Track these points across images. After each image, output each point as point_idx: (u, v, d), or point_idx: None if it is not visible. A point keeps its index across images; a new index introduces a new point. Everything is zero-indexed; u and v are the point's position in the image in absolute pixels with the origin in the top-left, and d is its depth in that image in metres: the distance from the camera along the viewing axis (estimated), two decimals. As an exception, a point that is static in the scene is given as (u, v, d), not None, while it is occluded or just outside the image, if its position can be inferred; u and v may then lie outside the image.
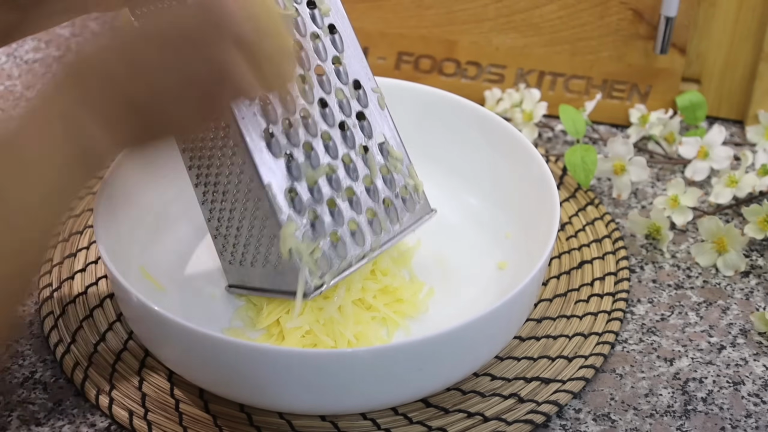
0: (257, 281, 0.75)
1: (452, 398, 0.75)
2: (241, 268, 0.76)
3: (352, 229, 0.74)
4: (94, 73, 0.63)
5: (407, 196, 0.77)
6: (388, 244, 0.76)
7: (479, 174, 0.88)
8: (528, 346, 0.79)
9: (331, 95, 0.74)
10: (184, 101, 0.64)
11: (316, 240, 0.72)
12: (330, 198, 0.73)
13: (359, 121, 0.75)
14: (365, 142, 0.75)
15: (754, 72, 0.98)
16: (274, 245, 0.72)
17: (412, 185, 0.78)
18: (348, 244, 0.74)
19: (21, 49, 1.07)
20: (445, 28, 1.00)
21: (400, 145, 0.77)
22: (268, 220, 0.71)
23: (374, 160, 0.76)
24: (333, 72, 0.75)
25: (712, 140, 0.92)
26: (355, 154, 0.75)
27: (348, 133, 0.75)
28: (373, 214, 0.75)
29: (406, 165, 0.77)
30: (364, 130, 0.76)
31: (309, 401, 0.71)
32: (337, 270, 0.73)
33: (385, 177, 0.76)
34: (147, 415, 0.74)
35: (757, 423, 0.75)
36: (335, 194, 0.73)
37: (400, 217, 0.77)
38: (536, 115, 0.97)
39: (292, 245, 0.71)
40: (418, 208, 0.78)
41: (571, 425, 0.75)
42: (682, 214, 0.89)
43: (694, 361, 0.79)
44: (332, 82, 0.75)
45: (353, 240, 0.74)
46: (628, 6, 0.97)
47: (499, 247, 0.84)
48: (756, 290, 0.85)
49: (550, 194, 0.79)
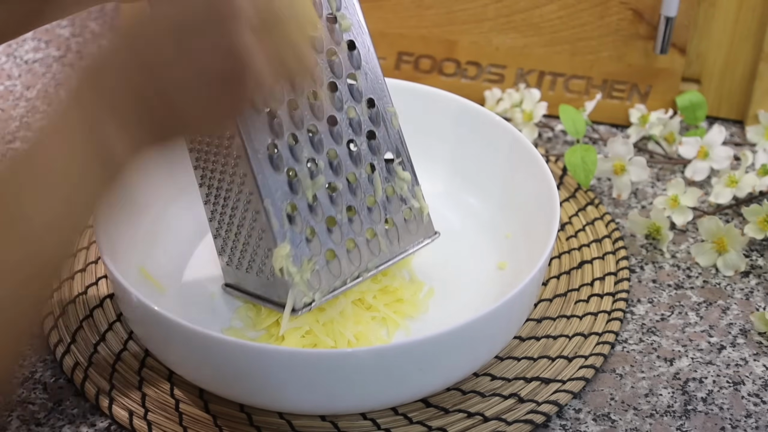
0: (252, 287, 0.75)
1: (452, 398, 0.75)
2: (238, 271, 0.76)
3: (349, 248, 0.74)
4: (110, 76, 0.61)
5: (410, 217, 0.77)
6: (385, 264, 0.76)
7: (479, 174, 0.88)
8: (528, 346, 0.79)
9: (342, 112, 0.74)
10: (201, 96, 0.62)
11: (311, 257, 0.72)
12: (330, 216, 0.73)
13: (369, 140, 0.75)
14: (373, 161, 0.75)
15: (754, 72, 0.98)
16: (269, 258, 0.72)
17: (417, 207, 0.78)
18: (343, 263, 0.74)
19: (21, 49, 1.07)
20: (445, 28, 1.00)
21: (408, 165, 0.77)
22: (264, 234, 0.72)
23: (379, 180, 0.75)
24: (347, 89, 0.74)
25: (712, 140, 0.92)
26: (360, 174, 0.74)
27: (356, 151, 0.74)
28: (372, 234, 0.75)
29: (413, 186, 0.77)
30: (372, 149, 0.75)
31: (309, 401, 0.71)
32: (329, 288, 0.73)
33: (390, 197, 0.76)
34: (147, 415, 0.74)
35: (757, 423, 0.75)
36: (336, 212, 0.73)
37: (401, 239, 0.77)
38: (536, 115, 0.97)
39: (284, 266, 0.71)
40: (420, 230, 0.78)
41: (571, 425, 0.75)
42: (682, 214, 0.89)
43: (694, 361, 0.79)
44: (344, 99, 0.74)
45: (349, 259, 0.74)
46: (628, 6, 0.97)
47: (499, 248, 0.84)
48: (756, 290, 0.85)
49: (550, 194, 0.79)
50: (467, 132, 0.88)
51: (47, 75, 1.06)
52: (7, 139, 0.97)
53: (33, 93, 1.03)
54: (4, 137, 0.98)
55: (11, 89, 1.04)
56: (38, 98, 0.99)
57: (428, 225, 0.79)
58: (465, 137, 0.88)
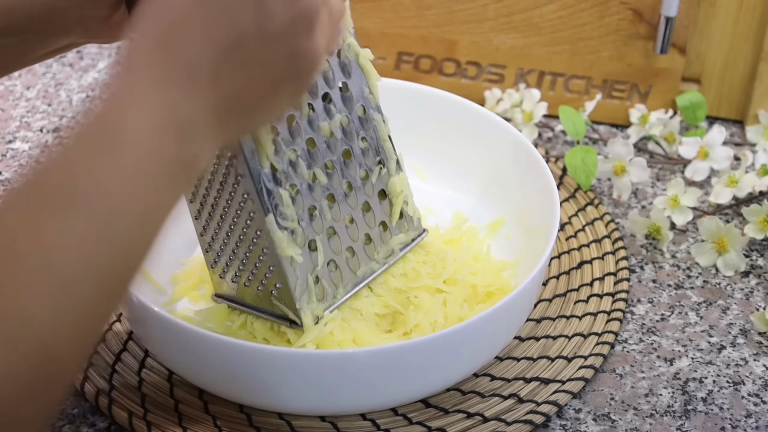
0: (250, 299, 0.74)
1: (452, 398, 0.75)
2: (233, 284, 0.75)
3: (348, 256, 0.74)
4: (204, 71, 0.57)
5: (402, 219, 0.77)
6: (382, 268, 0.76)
7: (479, 174, 0.88)
8: (527, 347, 0.79)
9: (334, 121, 0.73)
10: (281, 94, 0.61)
11: (313, 270, 0.72)
12: (330, 226, 0.73)
13: (362, 147, 0.75)
14: (366, 168, 0.75)
15: (754, 72, 0.98)
16: (272, 274, 0.72)
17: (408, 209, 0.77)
18: (344, 272, 0.74)
19: (21, 50, 1.07)
20: (445, 28, 1.00)
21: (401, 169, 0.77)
22: (268, 250, 0.71)
23: (373, 188, 0.75)
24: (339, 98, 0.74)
25: (712, 140, 0.92)
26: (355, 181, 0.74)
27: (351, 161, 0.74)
28: (368, 239, 0.75)
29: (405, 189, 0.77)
30: (366, 156, 0.75)
31: (309, 401, 0.71)
32: (333, 299, 0.74)
33: (382, 202, 0.76)
34: (147, 415, 0.74)
35: (757, 423, 0.75)
36: (335, 223, 0.73)
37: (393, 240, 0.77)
38: (536, 115, 0.97)
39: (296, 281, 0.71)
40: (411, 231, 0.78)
41: (571, 425, 0.75)
42: (682, 214, 0.89)
43: (694, 361, 0.79)
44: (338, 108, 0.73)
45: (349, 267, 0.74)
46: (628, 6, 0.97)
47: (499, 247, 0.84)
48: (756, 290, 0.85)
49: (550, 194, 0.79)
50: (467, 132, 0.88)
51: (47, 75, 1.06)
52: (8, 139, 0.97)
53: (33, 93, 1.03)
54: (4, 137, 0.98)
55: (11, 89, 1.04)
56: (25, 87, 0.96)
57: (418, 224, 0.79)
58: (465, 137, 0.88)
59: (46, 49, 0.71)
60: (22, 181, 0.53)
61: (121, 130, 0.54)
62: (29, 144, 0.97)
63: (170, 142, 0.55)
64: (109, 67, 0.60)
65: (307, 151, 0.72)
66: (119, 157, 0.53)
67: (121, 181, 0.53)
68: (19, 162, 0.95)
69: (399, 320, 0.76)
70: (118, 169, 0.53)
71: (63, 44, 0.71)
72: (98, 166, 0.53)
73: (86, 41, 0.71)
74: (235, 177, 0.70)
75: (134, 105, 0.54)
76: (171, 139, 0.55)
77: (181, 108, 0.56)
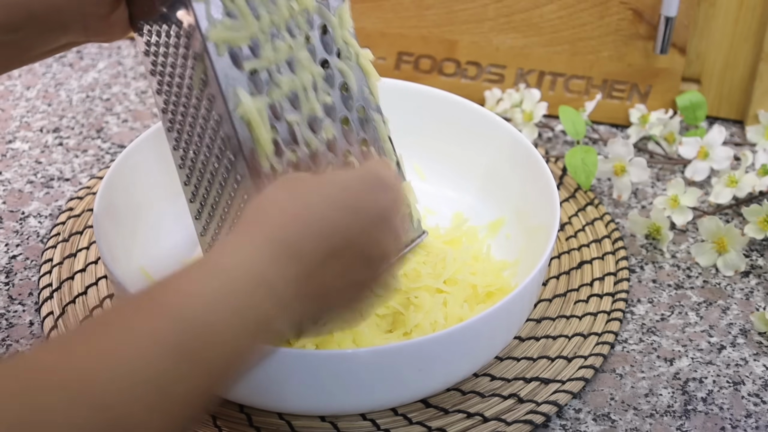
0: None
1: (452, 399, 0.75)
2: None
3: None
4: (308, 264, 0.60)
5: None
6: None
7: (479, 174, 0.88)
8: (527, 347, 0.79)
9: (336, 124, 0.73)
10: (357, 292, 0.64)
11: None
12: None
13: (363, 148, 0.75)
14: None
15: (754, 72, 0.98)
16: None
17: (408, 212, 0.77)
18: None
19: (21, 49, 1.07)
20: (445, 28, 1.00)
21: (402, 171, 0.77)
22: None
23: None
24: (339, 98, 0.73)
25: (712, 140, 0.92)
26: None
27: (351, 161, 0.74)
28: None
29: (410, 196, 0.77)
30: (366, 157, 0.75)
31: (309, 401, 0.71)
32: None
33: None
34: (147, 415, 0.74)
35: (757, 423, 0.75)
36: None
37: None
38: (536, 115, 0.97)
39: None
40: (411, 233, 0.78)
41: (571, 425, 0.75)
42: (682, 214, 0.89)
43: (694, 361, 0.79)
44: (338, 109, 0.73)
45: None
46: (628, 6, 0.97)
47: (499, 247, 0.84)
48: (756, 290, 0.85)
49: (550, 194, 0.79)
50: (467, 132, 0.88)
51: (47, 75, 1.06)
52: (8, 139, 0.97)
53: (33, 93, 1.03)
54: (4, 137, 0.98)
55: (11, 89, 1.04)
56: (25, 87, 0.95)
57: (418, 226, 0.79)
58: (465, 137, 0.88)
59: (45, 47, 0.71)
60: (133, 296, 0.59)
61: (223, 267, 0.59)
62: (29, 144, 0.97)
63: (260, 297, 0.58)
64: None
65: (312, 159, 0.72)
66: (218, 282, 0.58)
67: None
68: (19, 162, 0.95)
69: (399, 320, 0.76)
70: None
71: (62, 42, 0.72)
72: None
73: (86, 40, 0.72)
74: (235, 177, 0.70)
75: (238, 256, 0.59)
76: (262, 293, 0.58)
77: (273, 277, 0.59)
